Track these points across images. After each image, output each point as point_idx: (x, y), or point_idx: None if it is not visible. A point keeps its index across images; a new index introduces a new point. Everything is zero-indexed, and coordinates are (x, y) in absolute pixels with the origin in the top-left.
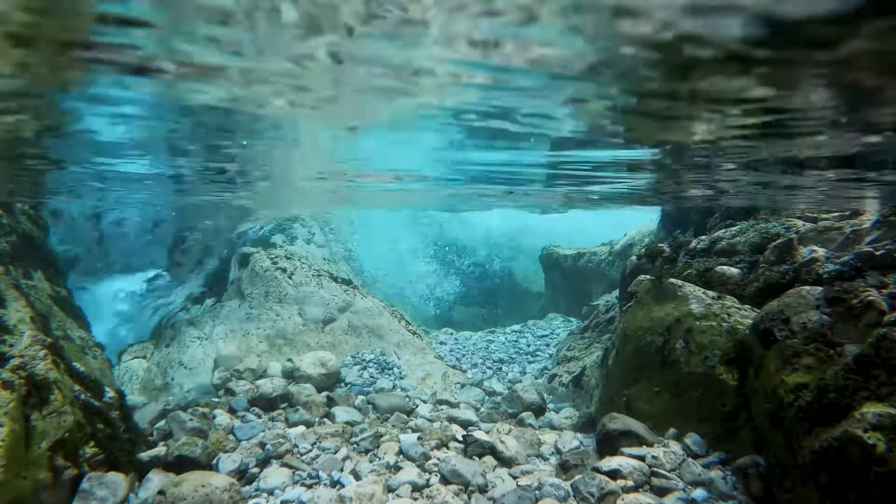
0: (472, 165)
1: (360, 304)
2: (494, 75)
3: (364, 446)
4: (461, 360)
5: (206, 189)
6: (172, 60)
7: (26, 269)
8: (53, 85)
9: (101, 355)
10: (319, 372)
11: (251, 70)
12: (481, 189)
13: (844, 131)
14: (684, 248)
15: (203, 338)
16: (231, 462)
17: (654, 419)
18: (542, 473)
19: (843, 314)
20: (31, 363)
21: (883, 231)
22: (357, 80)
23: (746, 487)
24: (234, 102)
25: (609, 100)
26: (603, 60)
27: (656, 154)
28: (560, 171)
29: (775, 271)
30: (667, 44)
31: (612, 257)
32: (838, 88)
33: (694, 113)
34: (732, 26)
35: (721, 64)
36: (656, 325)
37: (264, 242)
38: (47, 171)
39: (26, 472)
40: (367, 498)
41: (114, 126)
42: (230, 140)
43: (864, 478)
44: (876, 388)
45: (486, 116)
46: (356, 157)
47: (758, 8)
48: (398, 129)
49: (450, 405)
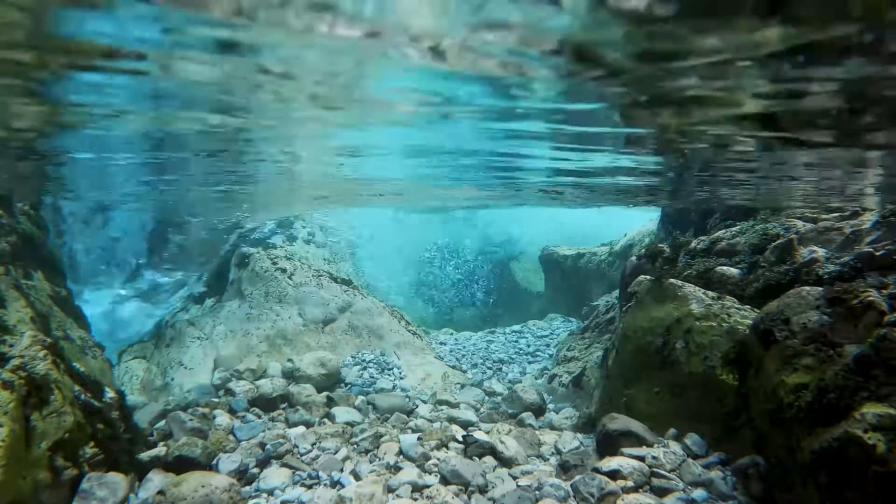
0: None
1: (360, 305)
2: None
3: (364, 446)
4: (461, 361)
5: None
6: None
7: (26, 269)
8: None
9: (101, 355)
10: (319, 372)
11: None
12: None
13: None
14: (684, 248)
15: (203, 338)
16: (231, 462)
17: (654, 419)
18: (542, 474)
19: (843, 314)
20: (31, 363)
21: (883, 231)
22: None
23: (746, 488)
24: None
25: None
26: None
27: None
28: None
29: (775, 272)
30: None
31: (612, 257)
32: None
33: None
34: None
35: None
36: (656, 326)
37: (264, 243)
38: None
39: (26, 472)
40: (367, 498)
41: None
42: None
43: (863, 478)
44: (876, 388)
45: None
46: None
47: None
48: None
49: (450, 405)
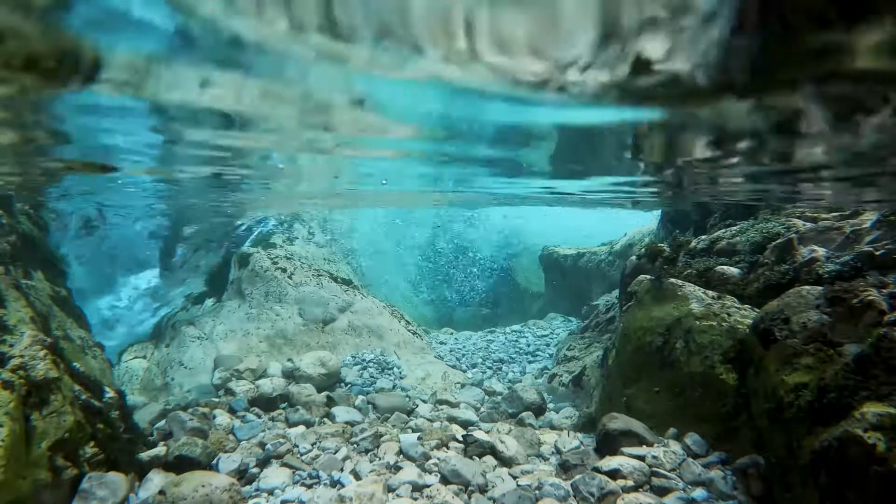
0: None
1: (360, 304)
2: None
3: (364, 446)
4: (461, 360)
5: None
6: None
7: (26, 269)
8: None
9: (101, 355)
10: (319, 372)
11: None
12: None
13: None
14: (684, 247)
15: (203, 338)
16: (231, 462)
17: (654, 419)
18: (542, 473)
19: (843, 314)
20: (31, 363)
21: (883, 231)
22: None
23: (746, 487)
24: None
25: None
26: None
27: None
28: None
29: (775, 271)
30: None
31: (612, 257)
32: None
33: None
34: None
35: None
36: (656, 325)
37: (264, 242)
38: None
39: (26, 472)
40: (367, 498)
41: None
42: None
43: (863, 478)
44: (876, 387)
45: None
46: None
47: None
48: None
49: (450, 405)
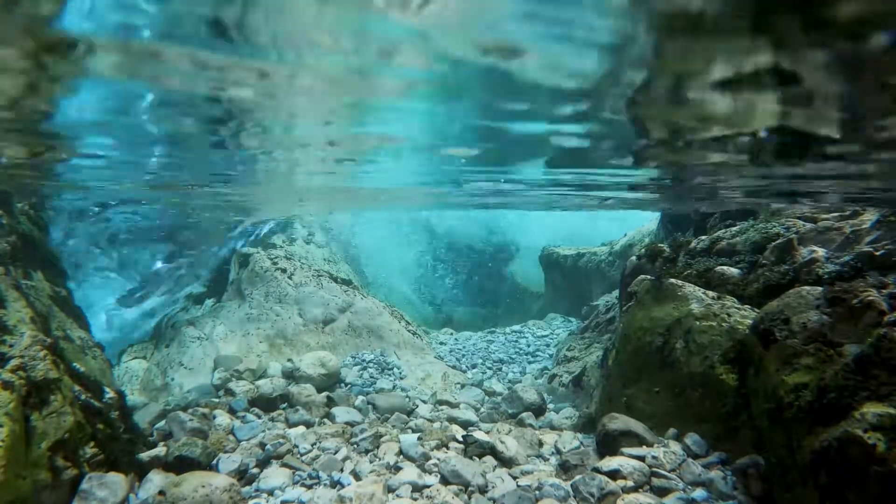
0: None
1: (360, 305)
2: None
3: (364, 446)
4: (461, 361)
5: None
6: None
7: (26, 269)
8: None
9: (101, 355)
10: (319, 372)
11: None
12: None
13: None
14: (684, 248)
15: (203, 338)
16: (231, 462)
17: (654, 419)
18: (542, 474)
19: (843, 314)
20: (31, 363)
21: (883, 231)
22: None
23: (746, 487)
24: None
25: None
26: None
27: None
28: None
29: (775, 271)
30: None
31: (612, 257)
32: None
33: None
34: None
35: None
36: (656, 326)
37: (264, 243)
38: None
39: (26, 473)
40: (367, 498)
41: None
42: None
43: (863, 478)
44: (876, 388)
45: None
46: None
47: None
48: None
49: (450, 405)
